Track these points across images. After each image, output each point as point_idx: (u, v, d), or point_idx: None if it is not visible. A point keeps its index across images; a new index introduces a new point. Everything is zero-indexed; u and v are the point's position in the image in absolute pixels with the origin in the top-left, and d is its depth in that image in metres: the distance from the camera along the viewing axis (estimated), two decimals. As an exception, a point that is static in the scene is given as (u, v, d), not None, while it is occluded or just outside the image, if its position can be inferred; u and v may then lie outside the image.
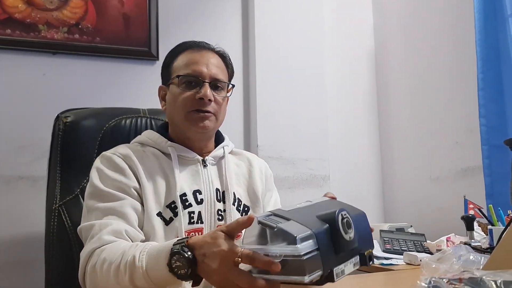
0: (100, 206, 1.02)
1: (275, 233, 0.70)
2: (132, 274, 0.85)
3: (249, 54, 2.25)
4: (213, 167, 1.20)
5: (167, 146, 1.15)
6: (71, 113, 1.33)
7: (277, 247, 0.68)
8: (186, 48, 1.18)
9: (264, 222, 0.71)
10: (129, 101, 1.55)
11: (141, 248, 0.87)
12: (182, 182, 1.12)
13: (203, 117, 1.12)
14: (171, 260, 0.79)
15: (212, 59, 1.16)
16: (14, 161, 1.78)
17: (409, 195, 2.32)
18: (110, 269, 0.88)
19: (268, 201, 1.28)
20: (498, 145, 1.72)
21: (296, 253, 0.66)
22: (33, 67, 1.86)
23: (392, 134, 2.46)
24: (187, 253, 0.78)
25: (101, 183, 1.05)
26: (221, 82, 1.16)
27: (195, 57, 1.15)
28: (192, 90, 1.12)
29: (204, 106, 1.12)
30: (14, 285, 1.68)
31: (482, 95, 1.83)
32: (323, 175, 2.25)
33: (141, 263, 0.84)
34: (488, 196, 1.76)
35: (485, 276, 0.59)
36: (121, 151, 1.12)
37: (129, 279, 0.85)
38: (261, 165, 1.31)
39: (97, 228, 0.98)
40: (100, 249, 0.94)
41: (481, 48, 1.84)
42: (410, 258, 1.39)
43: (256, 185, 1.24)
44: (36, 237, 1.59)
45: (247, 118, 2.23)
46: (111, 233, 0.96)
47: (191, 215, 1.10)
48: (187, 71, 1.13)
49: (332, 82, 2.41)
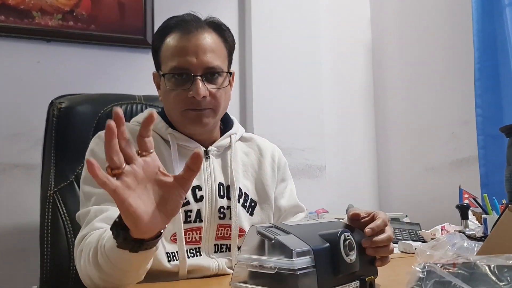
0: (96, 191, 0.96)
1: (272, 245, 0.69)
2: (96, 253, 0.81)
3: (245, 44, 2.24)
4: (217, 159, 1.10)
5: (167, 133, 1.06)
6: (65, 98, 1.31)
7: (273, 259, 0.68)
8: (173, 27, 1.04)
9: (263, 233, 0.70)
10: (124, 89, 1.54)
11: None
12: None
13: (201, 115, 1.02)
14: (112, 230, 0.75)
15: (202, 40, 1.01)
16: (9, 149, 1.77)
17: (404, 185, 2.33)
18: (89, 253, 0.84)
19: (281, 192, 1.19)
20: (494, 135, 1.72)
21: (291, 267, 0.65)
22: (28, 55, 1.84)
23: (388, 124, 2.46)
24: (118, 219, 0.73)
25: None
26: (216, 70, 1.02)
27: (182, 43, 1.01)
28: (183, 87, 1.01)
29: (199, 105, 1.01)
30: (9, 273, 1.68)
31: (478, 85, 1.83)
32: (319, 165, 2.26)
33: (103, 240, 0.80)
34: (483, 186, 1.77)
35: (479, 261, 0.60)
36: None
37: (94, 259, 0.82)
38: (273, 152, 1.20)
39: (92, 214, 0.94)
40: (88, 235, 0.90)
41: (478, 38, 1.84)
42: (405, 247, 1.39)
43: (266, 178, 1.15)
44: (31, 225, 1.59)
45: (243, 108, 2.22)
46: (104, 220, 0.92)
47: (188, 213, 1.03)
48: (174, 64, 1.00)
49: (329, 74, 2.41)
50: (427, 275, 0.62)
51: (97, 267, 0.81)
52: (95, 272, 0.83)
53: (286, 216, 1.19)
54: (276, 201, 1.17)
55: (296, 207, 1.21)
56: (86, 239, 0.89)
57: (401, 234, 1.56)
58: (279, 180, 1.19)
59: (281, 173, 1.21)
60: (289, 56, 2.25)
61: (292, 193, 1.22)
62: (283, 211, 1.18)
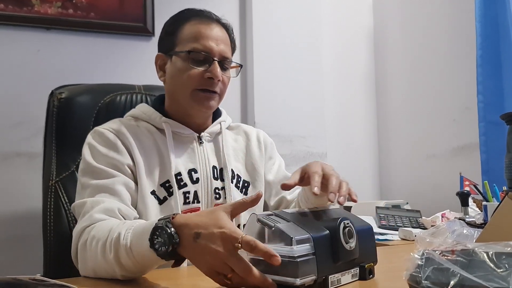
0: (92, 183, 0.99)
1: (273, 233, 0.70)
2: (117, 251, 0.82)
3: (246, 31, 2.23)
4: (209, 143, 1.17)
5: (162, 122, 1.11)
6: (65, 89, 1.31)
7: (273, 246, 0.68)
8: (192, 16, 1.12)
9: (263, 221, 0.71)
10: (124, 77, 1.54)
11: (128, 226, 0.84)
12: (177, 160, 1.09)
13: (209, 97, 1.09)
14: (153, 235, 0.75)
15: (220, 33, 1.11)
16: (11, 138, 1.77)
17: (405, 173, 2.33)
18: (98, 246, 0.86)
19: (270, 168, 1.25)
20: (495, 121, 1.72)
21: (290, 254, 0.66)
22: (27, 43, 1.84)
23: (389, 111, 2.46)
24: (170, 228, 0.73)
25: (93, 159, 1.02)
26: (228, 61, 1.12)
27: (204, 30, 1.09)
28: (201, 67, 1.07)
29: (212, 86, 1.08)
30: (12, 260, 1.69)
31: (480, 72, 1.82)
32: (320, 153, 2.26)
33: (125, 240, 0.81)
34: (484, 173, 1.77)
35: (477, 248, 0.60)
36: (114, 126, 1.08)
37: (114, 257, 0.82)
38: (258, 135, 1.28)
39: (89, 205, 0.95)
40: (90, 227, 0.91)
41: (481, 24, 1.82)
42: (405, 234, 1.40)
43: (255, 158, 1.22)
44: (33, 212, 1.60)
45: (244, 95, 2.22)
46: (102, 211, 0.94)
47: (186, 195, 1.08)
48: (196, 46, 1.07)
49: (330, 61, 2.40)
50: (425, 262, 0.62)
51: (119, 265, 0.82)
52: (114, 268, 0.83)
53: (279, 189, 1.22)
54: (265, 178, 1.23)
55: (286, 178, 1.23)
56: (90, 232, 0.90)
57: (401, 221, 1.56)
58: (266, 158, 1.26)
59: (268, 152, 1.27)
60: (290, 43, 2.23)
61: (280, 168, 1.28)
62: (273, 185, 1.24)
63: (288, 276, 0.67)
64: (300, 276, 0.67)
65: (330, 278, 0.71)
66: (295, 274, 0.66)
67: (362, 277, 0.77)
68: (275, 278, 0.69)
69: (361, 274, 0.77)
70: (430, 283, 0.60)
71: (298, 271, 0.66)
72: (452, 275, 0.58)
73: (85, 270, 0.91)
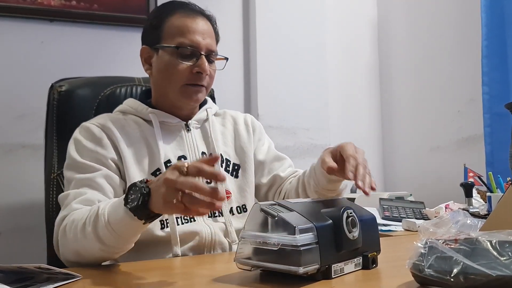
0: (76, 177, 1.02)
1: (276, 222, 0.71)
2: (96, 225, 0.85)
3: (249, 22, 2.22)
4: (197, 130, 1.19)
5: (148, 113, 1.13)
6: (65, 82, 1.31)
7: (277, 236, 0.69)
8: (176, 8, 1.12)
9: (267, 210, 0.72)
10: (127, 69, 1.53)
11: (105, 202, 0.89)
12: (166, 148, 1.10)
13: (197, 90, 1.11)
14: (128, 195, 0.80)
15: (205, 26, 1.12)
16: (15, 130, 1.78)
17: (409, 164, 2.33)
18: (78, 226, 0.89)
19: (258, 149, 1.26)
20: (500, 113, 1.71)
21: (293, 243, 0.67)
22: (31, 35, 1.84)
23: (393, 103, 2.45)
24: (142, 183, 0.79)
25: (78, 154, 1.05)
26: (214, 54, 1.13)
27: (190, 23, 1.10)
28: (189, 62, 1.09)
29: (201, 81, 1.10)
30: (17, 251, 1.71)
31: (485, 63, 1.81)
32: (324, 145, 2.25)
33: (103, 211, 0.85)
34: (489, 164, 1.76)
35: (481, 236, 0.60)
36: (100, 121, 1.10)
37: (92, 231, 0.85)
38: (246, 118, 1.29)
39: (71, 197, 0.99)
40: (69, 215, 0.95)
41: (486, 14, 1.81)
42: (408, 225, 1.40)
43: (243, 141, 1.23)
44: (37, 204, 1.60)
45: (247, 87, 2.21)
46: (82, 202, 0.97)
47: None
48: (183, 40, 1.08)
49: (334, 52, 2.38)
50: (428, 251, 0.62)
51: (97, 239, 0.85)
52: (93, 245, 0.86)
53: (272, 167, 1.26)
54: (255, 158, 1.25)
55: (277, 157, 1.29)
56: (69, 218, 0.94)
57: (405, 212, 1.56)
58: (256, 140, 1.27)
59: (257, 134, 1.29)
60: (293, 34, 2.22)
61: (270, 148, 1.30)
62: (265, 164, 1.26)
63: (291, 265, 0.67)
64: (303, 265, 0.67)
65: (333, 267, 0.72)
66: (298, 263, 0.67)
67: (365, 266, 0.77)
68: (278, 267, 0.69)
69: (364, 263, 0.78)
70: (433, 271, 0.60)
71: (301, 260, 0.67)
72: (455, 263, 0.58)
73: (66, 253, 0.94)
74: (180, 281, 0.79)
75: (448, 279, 0.58)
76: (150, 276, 0.81)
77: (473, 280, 0.56)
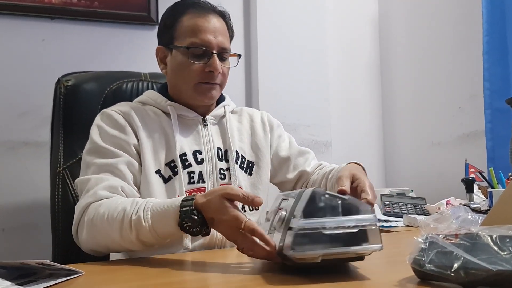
0: (97, 162, 1.03)
1: (346, 205, 0.70)
2: (138, 231, 0.89)
3: (250, 19, 2.21)
4: (214, 126, 1.20)
5: (167, 105, 1.14)
6: (71, 76, 1.32)
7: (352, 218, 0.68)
8: (189, 8, 1.13)
9: (333, 194, 0.71)
10: (128, 67, 1.54)
11: (144, 207, 0.90)
12: (182, 141, 1.12)
13: (211, 88, 1.13)
14: (182, 222, 0.84)
15: (217, 24, 1.12)
16: (18, 127, 1.78)
17: (410, 161, 2.33)
18: (113, 224, 0.91)
19: (281, 146, 1.28)
20: (501, 108, 1.71)
21: (373, 222, 0.69)
22: (32, 33, 1.84)
23: (394, 99, 2.45)
24: (197, 215, 0.83)
25: (101, 139, 1.06)
26: (227, 52, 1.14)
27: (201, 23, 1.10)
28: (201, 62, 1.10)
29: (213, 79, 1.11)
30: (21, 249, 1.72)
31: (486, 58, 1.81)
32: (325, 141, 2.26)
33: (147, 222, 0.88)
34: (490, 160, 1.76)
35: (481, 231, 0.60)
36: (121, 108, 1.12)
37: (135, 237, 0.90)
38: (262, 116, 1.30)
39: (93, 182, 0.99)
40: (97, 204, 0.96)
41: (487, 10, 1.80)
42: (409, 221, 1.40)
43: (259, 139, 1.24)
44: (41, 201, 1.61)
45: (249, 84, 2.21)
46: (107, 189, 0.98)
47: (191, 175, 1.11)
48: (194, 40, 1.09)
49: (335, 49, 2.38)
50: (429, 246, 0.62)
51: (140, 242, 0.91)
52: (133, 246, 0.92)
53: (297, 163, 1.28)
54: (278, 156, 1.27)
55: (301, 152, 1.30)
56: (97, 209, 0.95)
57: (406, 208, 1.57)
58: (275, 137, 1.28)
59: (275, 131, 1.29)
60: (294, 31, 2.22)
61: (291, 144, 1.31)
62: (290, 160, 1.27)
63: (372, 244, 0.68)
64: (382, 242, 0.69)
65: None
66: (378, 240, 0.69)
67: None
68: (356, 250, 0.68)
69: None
70: (433, 266, 0.60)
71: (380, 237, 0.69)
72: (455, 258, 0.58)
73: (93, 244, 0.97)
74: (187, 276, 0.80)
75: (449, 274, 0.58)
76: (155, 271, 0.81)
77: (474, 275, 0.56)
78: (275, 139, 1.28)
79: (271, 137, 1.27)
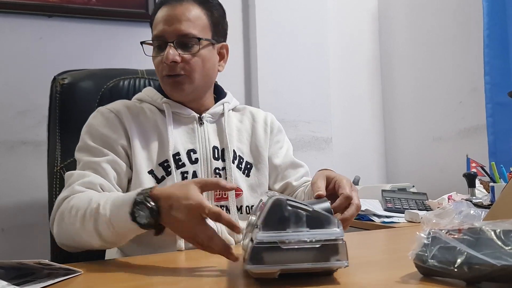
0: (84, 159, 1.03)
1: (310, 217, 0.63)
2: (96, 221, 0.86)
3: (249, 15, 2.20)
4: (212, 124, 1.16)
5: (162, 102, 1.11)
6: (67, 74, 1.31)
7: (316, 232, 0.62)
8: (163, 3, 1.09)
9: (297, 205, 0.63)
10: (126, 64, 1.53)
11: (107, 197, 0.88)
12: (176, 140, 1.09)
13: (176, 82, 1.07)
14: (134, 209, 0.80)
15: (175, 11, 1.05)
16: (16, 126, 1.78)
17: (412, 156, 2.32)
18: (77, 215, 0.89)
19: (276, 152, 1.22)
20: (502, 102, 1.70)
21: (338, 237, 0.62)
22: (30, 31, 1.83)
23: (395, 94, 2.44)
24: (149, 203, 0.79)
25: (90, 137, 1.05)
26: (188, 37, 1.04)
27: (161, 13, 1.07)
28: (160, 54, 1.06)
29: (172, 71, 1.05)
30: (19, 248, 1.71)
31: (487, 52, 1.80)
32: (326, 138, 2.25)
33: (104, 210, 0.85)
34: (491, 155, 1.76)
35: (485, 226, 0.59)
36: (115, 106, 1.10)
37: (93, 226, 0.86)
38: (265, 117, 1.24)
39: (74, 177, 0.99)
40: (70, 198, 0.95)
41: (488, 3, 1.79)
42: (411, 216, 1.39)
43: (259, 140, 1.19)
44: (39, 201, 1.61)
45: (248, 80, 2.20)
46: (84, 184, 0.97)
47: (185, 175, 1.07)
48: (154, 33, 1.08)
49: (335, 44, 2.37)
50: (432, 241, 0.62)
51: (96, 233, 0.87)
52: (92, 239, 0.88)
53: (286, 174, 1.22)
54: (270, 161, 1.21)
55: (293, 164, 1.25)
56: (69, 202, 0.94)
57: (407, 204, 1.56)
58: (273, 142, 1.23)
59: (275, 135, 1.24)
60: (294, 26, 2.21)
61: (288, 153, 1.25)
62: (279, 170, 1.22)
63: (336, 260, 0.62)
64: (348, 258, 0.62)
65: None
66: (344, 257, 0.62)
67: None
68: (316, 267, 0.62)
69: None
70: (436, 262, 0.59)
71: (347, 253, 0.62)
72: (459, 253, 0.58)
73: (62, 236, 0.95)
74: (184, 275, 0.79)
75: (452, 270, 0.57)
76: (152, 271, 0.80)
77: (478, 270, 0.55)
78: (273, 143, 1.23)
79: (270, 140, 1.23)
